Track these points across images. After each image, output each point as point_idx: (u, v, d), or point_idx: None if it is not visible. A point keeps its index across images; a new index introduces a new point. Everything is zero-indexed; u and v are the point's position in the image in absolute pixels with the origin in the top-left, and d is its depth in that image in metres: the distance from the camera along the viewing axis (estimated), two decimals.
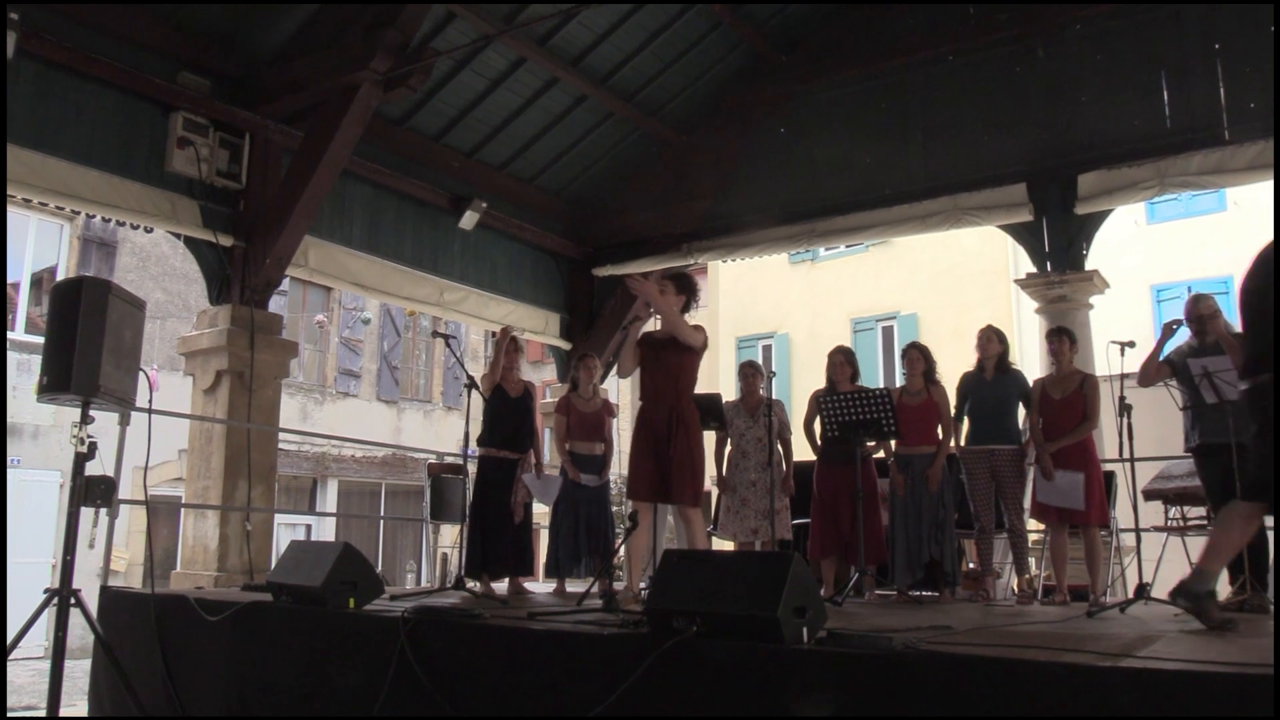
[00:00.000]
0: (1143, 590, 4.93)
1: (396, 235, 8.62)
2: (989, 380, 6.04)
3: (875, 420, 5.67)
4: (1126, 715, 2.45)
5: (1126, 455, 5.11)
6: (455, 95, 8.37)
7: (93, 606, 4.73)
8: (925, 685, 2.72)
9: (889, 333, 17.41)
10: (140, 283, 14.35)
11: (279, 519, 13.74)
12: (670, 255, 9.44)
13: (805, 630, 3.01)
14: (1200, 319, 5.46)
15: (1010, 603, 5.77)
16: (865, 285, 17.76)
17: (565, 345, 10.26)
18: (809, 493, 6.37)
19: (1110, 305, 8.67)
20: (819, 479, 6.26)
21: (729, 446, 6.72)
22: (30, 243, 13.67)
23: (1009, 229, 8.23)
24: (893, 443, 6.07)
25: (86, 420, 4.27)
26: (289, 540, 5.52)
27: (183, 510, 7.43)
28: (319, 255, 7.89)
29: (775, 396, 6.67)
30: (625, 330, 5.83)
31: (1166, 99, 7.49)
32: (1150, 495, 6.44)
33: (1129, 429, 5.10)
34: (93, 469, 4.36)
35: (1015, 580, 6.07)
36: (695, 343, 5.08)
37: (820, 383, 6.45)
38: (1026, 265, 8.27)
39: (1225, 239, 15.05)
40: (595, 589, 5.18)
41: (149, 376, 4.61)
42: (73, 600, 4.23)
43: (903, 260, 17.23)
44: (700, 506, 5.25)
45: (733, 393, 7.07)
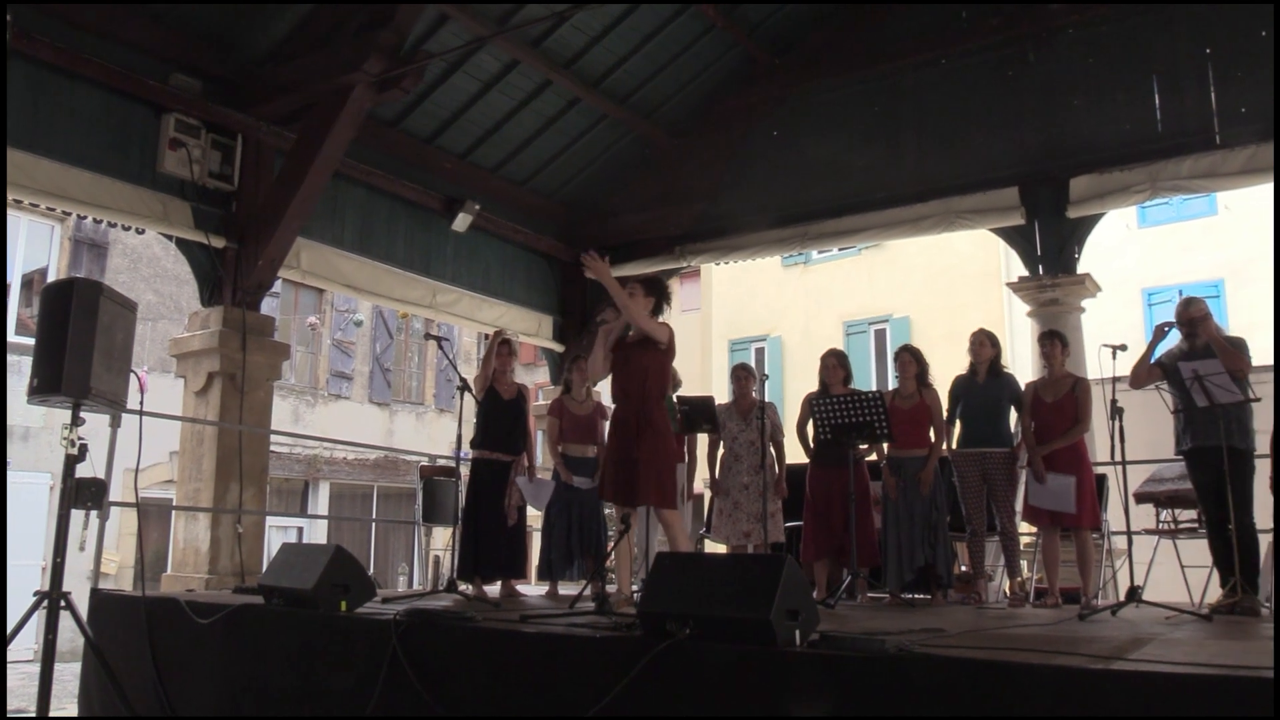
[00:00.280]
0: (1134, 593, 4.95)
1: (389, 237, 8.61)
2: (981, 383, 6.05)
3: (868, 423, 5.69)
4: (1118, 717, 2.46)
5: (1118, 458, 5.12)
6: (448, 97, 8.36)
7: (83, 609, 4.72)
8: (918, 688, 2.73)
9: (881, 336, 17.47)
10: (131, 284, 14.30)
11: (270, 521, 13.74)
12: (663, 258, 9.45)
13: (798, 633, 3.01)
14: (1191, 322, 5.49)
15: (1002, 605, 5.78)
16: (858, 288, 17.82)
17: (558, 348, 10.26)
18: (802, 495, 6.37)
19: (1102, 308, 8.71)
20: (812, 482, 6.27)
21: (721, 449, 6.72)
22: (21, 244, 13.60)
23: (1001, 232, 8.26)
24: (885, 445, 6.08)
25: (77, 422, 4.27)
26: (280, 543, 5.49)
27: (174, 512, 7.41)
28: (311, 257, 7.88)
29: (768, 399, 6.68)
30: (594, 331, 5.83)
31: (1158, 103, 7.52)
32: (1142, 498, 6.46)
33: (1120, 432, 5.11)
34: (83, 471, 4.35)
35: (1007, 583, 6.08)
36: (659, 336, 5.11)
37: (813, 385, 6.46)
38: (1019, 269, 8.30)
39: (1216, 242, 15.15)
40: (588, 591, 5.18)
41: (139, 378, 4.60)
42: (63, 603, 4.22)
43: (895, 263, 17.29)
44: (677, 509, 5.27)
45: (725, 395, 7.07)
